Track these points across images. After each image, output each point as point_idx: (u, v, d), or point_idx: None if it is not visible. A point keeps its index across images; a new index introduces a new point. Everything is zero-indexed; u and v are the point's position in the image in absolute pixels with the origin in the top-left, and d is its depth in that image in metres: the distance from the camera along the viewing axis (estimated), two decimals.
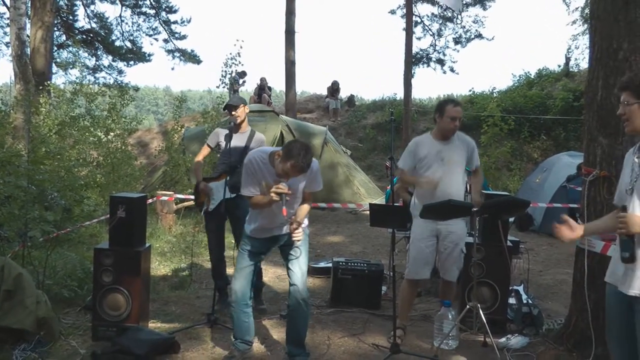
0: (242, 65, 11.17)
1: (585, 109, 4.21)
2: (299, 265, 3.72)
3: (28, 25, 12.49)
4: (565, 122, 16.05)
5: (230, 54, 10.90)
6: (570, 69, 20.07)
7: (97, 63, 20.72)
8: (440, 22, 22.33)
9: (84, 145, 10.27)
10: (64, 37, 19.87)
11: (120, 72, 21.08)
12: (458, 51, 23.03)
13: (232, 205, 4.67)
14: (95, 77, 20.24)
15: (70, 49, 19.43)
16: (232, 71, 11.24)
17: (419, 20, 21.68)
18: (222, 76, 11.17)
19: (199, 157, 5.17)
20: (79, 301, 4.93)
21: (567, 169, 9.77)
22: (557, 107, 16.38)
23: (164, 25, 21.03)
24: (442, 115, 4.35)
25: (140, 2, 20.73)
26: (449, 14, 21.23)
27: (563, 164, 10.27)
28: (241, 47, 10.82)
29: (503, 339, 4.35)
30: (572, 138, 15.83)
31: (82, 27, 20.44)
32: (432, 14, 22.29)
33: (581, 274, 3.98)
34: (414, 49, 19.75)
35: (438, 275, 5.99)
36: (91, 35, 20.19)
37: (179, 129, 11.65)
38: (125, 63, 21.18)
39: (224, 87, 11.29)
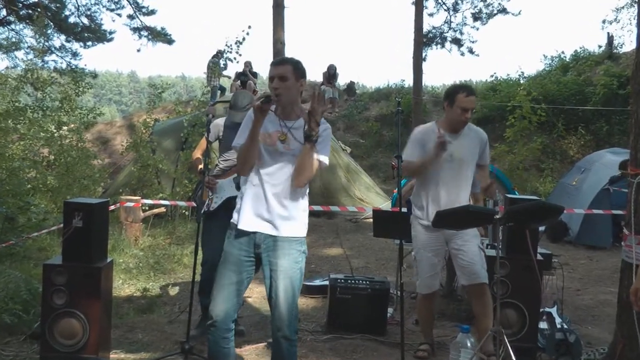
0: (240, 55, 11.06)
1: (632, 97, 4.23)
2: (279, 294, 3.46)
3: None
4: (607, 113, 16.12)
5: (229, 43, 10.80)
6: (614, 50, 20.15)
7: (47, 44, 20.65)
8: None
9: (31, 142, 10.26)
10: (4, 12, 19.83)
11: (74, 54, 21.07)
12: (478, 29, 23.05)
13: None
14: (43, 61, 20.15)
15: (13, 26, 19.41)
16: (225, 59, 11.16)
17: None
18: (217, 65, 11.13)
19: (198, 153, 5.33)
20: (23, 328, 4.90)
21: (610, 169, 9.81)
22: (598, 96, 16.45)
23: None
24: (452, 105, 4.40)
25: None
26: None
27: (605, 162, 10.32)
28: (247, 34, 10.67)
29: None
30: (617, 132, 15.91)
31: None
32: None
33: (628, 294, 3.99)
34: (426, 27, 19.86)
35: (453, 297, 6.03)
36: (39, 9, 20.14)
37: (152, 122, 11.67)
38: (81, 44, 21.18)
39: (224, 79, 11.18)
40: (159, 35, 21.39)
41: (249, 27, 10.60)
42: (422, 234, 4.54)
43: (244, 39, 10.63)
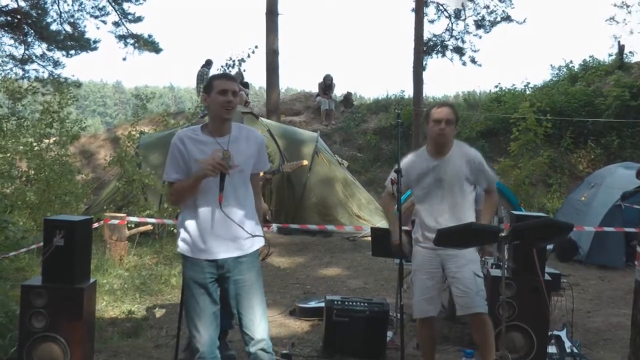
0: (245, 71, 11.24)
1: None
2: (253, 307, 3.59)
3: None
4: (619, 125, 16.16)
5: (233, 57, 10.94)
6: (625, 59, 20.23)
7: (28, 52, 20.63)
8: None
9: (10, 155, 10.25)
10: None
11: (56, 63, 21.01)
12: (481, 37, 23.16)
13: None
14: (24, 70, 20.12)
15: None
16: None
17: None
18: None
19: None
20: None
21: (622, 184, 9.81)
22: (608, 107, 16.50)
23: (113, 4, 21.05)
24: (428, 122, 4.44)
25: None
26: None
27: (617, 177, 10.32)
28: (253, 52, 10.86)
29: None
30: (629, 146, 15.94)
31: (7, 5, 20.37)
32: None
33: None
34: (426, 35, 19.93)
35: (456, 320, 6.02)
36: (19, 16, 20.12)
37: (137, 135, 11.68)
38: (64, 52, 21.13)
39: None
40: (146, 43, 21.34)
41: (256, 46, 10.84)
42: (418, 254, 4.55)
43: (249, 56, 10.81)
